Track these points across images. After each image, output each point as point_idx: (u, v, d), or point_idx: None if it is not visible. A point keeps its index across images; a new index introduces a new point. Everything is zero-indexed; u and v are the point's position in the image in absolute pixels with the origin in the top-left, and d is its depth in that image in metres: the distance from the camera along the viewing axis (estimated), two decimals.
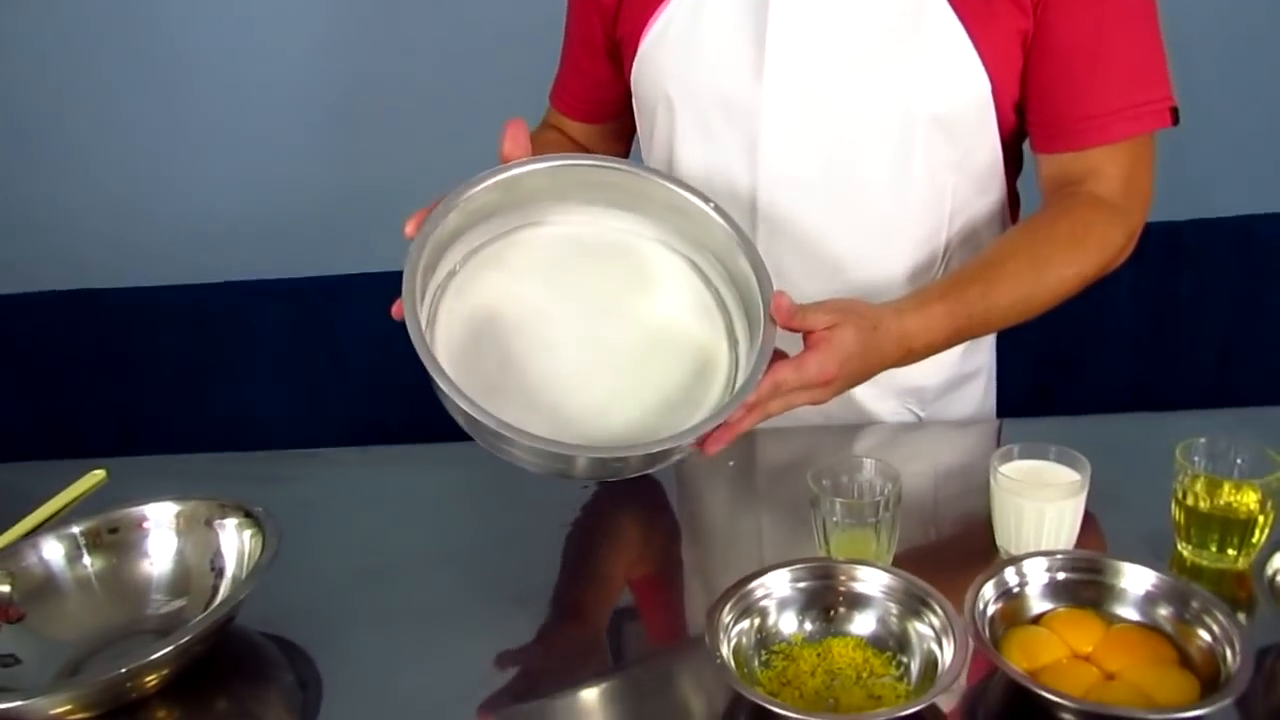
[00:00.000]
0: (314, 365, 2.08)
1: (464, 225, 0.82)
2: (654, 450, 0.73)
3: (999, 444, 0.81)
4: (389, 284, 0.80)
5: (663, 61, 0.96)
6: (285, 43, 1.85)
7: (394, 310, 0.77)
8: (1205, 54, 1.75)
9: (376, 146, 1.87)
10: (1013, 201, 1.03)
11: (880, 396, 1.04)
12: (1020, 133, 0.97)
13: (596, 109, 1.10)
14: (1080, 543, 0.79)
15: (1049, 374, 1.96)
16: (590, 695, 0.74)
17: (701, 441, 0.75)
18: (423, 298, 0.77)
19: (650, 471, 0.78)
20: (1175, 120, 0.92)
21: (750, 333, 0.83)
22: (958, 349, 1.04)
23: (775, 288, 0.80)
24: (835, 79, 0.91)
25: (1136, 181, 0.93)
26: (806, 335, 0.80)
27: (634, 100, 1.03)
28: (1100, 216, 0.92)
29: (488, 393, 0.73)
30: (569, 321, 0.83)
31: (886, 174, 0.94)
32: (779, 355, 0.79)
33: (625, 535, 0.91)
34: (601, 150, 1.11)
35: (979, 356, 1.09)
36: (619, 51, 1.02)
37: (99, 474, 1.03)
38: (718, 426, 0.75)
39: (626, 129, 1.11)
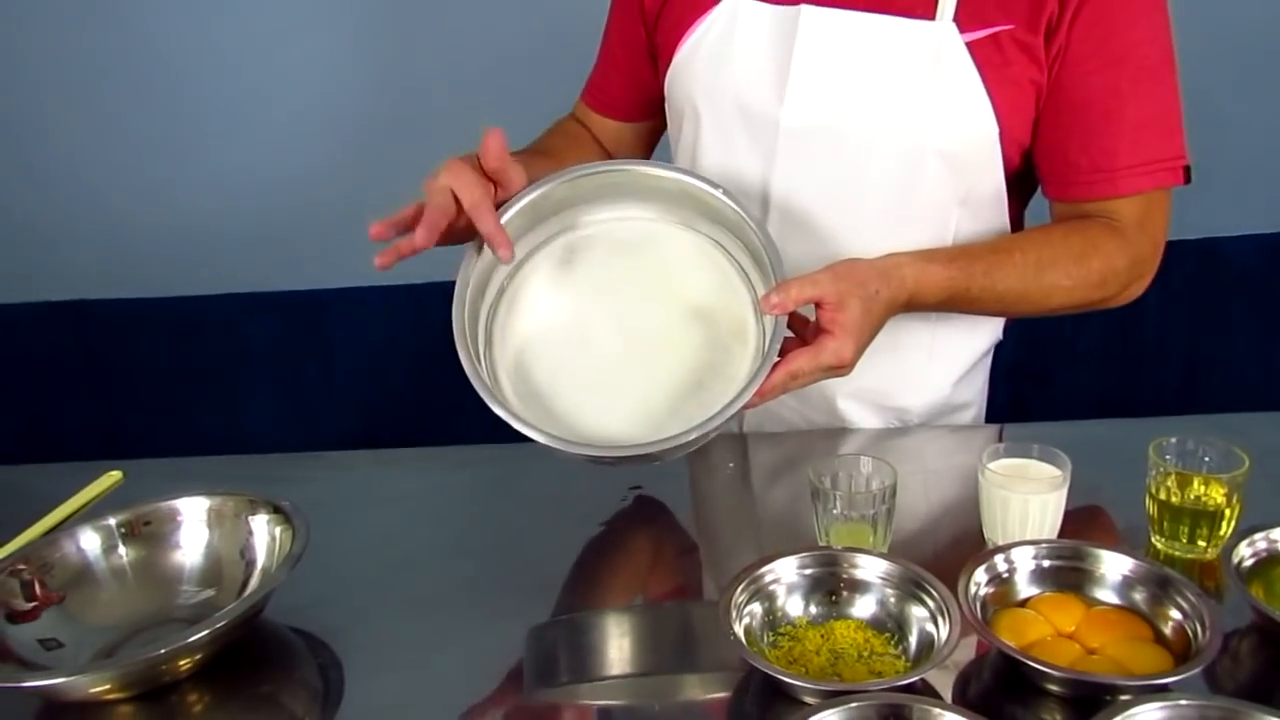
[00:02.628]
0: (304, 378, 2.10)
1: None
2: (657, 449, 0.80)
3: (984, 445, 0.87)
4: (380, 297, 0.85)
5: (694, 71, 1.03)
6: (278, 55, 1.88)
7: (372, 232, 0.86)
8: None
9: (368, 159, 1.89)
10: (1017, 229, 1.05)
11: (864, 410, 1.09)
12: (1027, 168, 0.99)
13: (632, 108, 1.16)
14: (1061, 535, 0.84)
15: (1023, 385, 2.03)
16: (609, 675, 0.78)
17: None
18: (476, 323, 0.86)
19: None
20: (1188, 179, 0.93)
21: None
22: (949, 379, 1.08)
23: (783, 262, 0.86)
24: (851, 106, 0.96)
25: (1149, 226, 0.96)
26: (817, 310, 0.85)
27: (666, 104, 1.10)
28: (1110, 242, 0.95)
29: (537, 399, 0.86)
30: (606, 318, 0.91)
31: (891, 201, 0.98)
32: (799, 320, 0.86)
33: (637, 529, 0.95)
34: (623, 155, 1.18)
35: (970, 390, 1.12)
36: (657, 55, 1.08)
37: (116, 474, 1.04)
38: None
39: (654, 131, 1.18)
